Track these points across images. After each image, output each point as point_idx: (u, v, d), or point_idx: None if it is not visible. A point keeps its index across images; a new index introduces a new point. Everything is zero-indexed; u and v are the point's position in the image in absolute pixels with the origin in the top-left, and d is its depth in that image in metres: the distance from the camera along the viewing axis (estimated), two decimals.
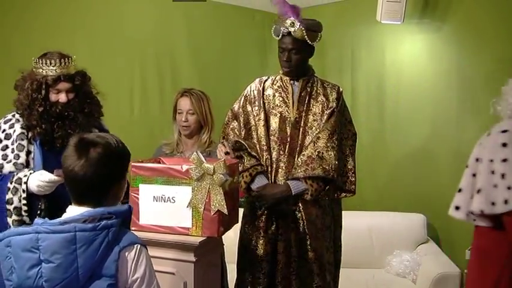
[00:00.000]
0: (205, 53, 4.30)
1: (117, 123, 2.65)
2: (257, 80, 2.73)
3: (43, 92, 2.18)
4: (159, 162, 2.27)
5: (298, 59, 2.56)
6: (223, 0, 4.35)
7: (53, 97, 2.21)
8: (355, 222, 3.61)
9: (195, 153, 2.00)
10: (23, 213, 2.08)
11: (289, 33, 2.51)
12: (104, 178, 1.48)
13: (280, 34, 2.55)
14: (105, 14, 3.76)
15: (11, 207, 2.07)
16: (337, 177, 2.52)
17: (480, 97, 3.58)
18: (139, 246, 1.47)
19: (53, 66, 2.18)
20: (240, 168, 2.49)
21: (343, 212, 2.76)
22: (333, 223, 2.65)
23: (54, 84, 2.19)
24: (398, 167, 4.08)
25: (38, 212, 2.11)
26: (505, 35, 3.47)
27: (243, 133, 2.64)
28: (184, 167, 2.01)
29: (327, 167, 2.48)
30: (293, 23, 2.49)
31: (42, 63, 2.19)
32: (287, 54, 2.55)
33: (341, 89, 2.69)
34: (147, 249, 1.52)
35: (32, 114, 2.18)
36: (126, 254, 1.43)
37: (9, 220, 2.07)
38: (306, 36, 2.49)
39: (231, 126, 2.69)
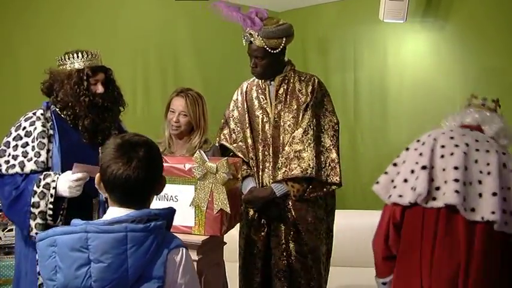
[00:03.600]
0: (208, 52, 4.29)
1: None
2: (243, 83, 2.78)
3: (85, 83, 2.17)
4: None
5: (264, 64, 2.59)
6: None
7: (92, 88, 2.20)
8: (358, 222, 3.59)
9: (197, 152, 2.00)
10: (48, 217, 2.03)
11: (251, 41, 2.56)
12: (153, 177, 1.46)
13: (244, 42, 2.60)
14: (107, 14, 3.75)
15: (36, 211, 2.02)
16: (317, 173, 2.51)
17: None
18: (184, 250, 1.45)
19: (85, 58, 2.18)
20: None
21: (345, 211, 2.76)
22: (326, 214, 2.66)
23: (94, 74, 2.19)
24: None
25: (61, 212, 2.06)
26: (508, 33, 3.47)
27: (232, 137, 2.68)
28: (187, 166, 2.01)
29: (304, 166, 2.48)
30: (251, 33, 2.54)
31: (72, 57, 2.18)
32: (253, 61, 2.60)
33: (317, 80, 2.64)
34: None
35: (79, 106, 2.15)
36: (174, 256, 1.41)
37: (32, 223, 2.02)
38: (265, 46, 2.52)
39: (223, 132, 2.73)
